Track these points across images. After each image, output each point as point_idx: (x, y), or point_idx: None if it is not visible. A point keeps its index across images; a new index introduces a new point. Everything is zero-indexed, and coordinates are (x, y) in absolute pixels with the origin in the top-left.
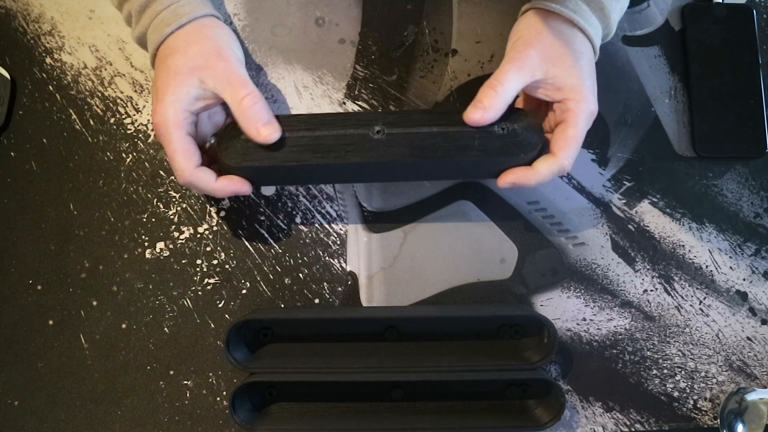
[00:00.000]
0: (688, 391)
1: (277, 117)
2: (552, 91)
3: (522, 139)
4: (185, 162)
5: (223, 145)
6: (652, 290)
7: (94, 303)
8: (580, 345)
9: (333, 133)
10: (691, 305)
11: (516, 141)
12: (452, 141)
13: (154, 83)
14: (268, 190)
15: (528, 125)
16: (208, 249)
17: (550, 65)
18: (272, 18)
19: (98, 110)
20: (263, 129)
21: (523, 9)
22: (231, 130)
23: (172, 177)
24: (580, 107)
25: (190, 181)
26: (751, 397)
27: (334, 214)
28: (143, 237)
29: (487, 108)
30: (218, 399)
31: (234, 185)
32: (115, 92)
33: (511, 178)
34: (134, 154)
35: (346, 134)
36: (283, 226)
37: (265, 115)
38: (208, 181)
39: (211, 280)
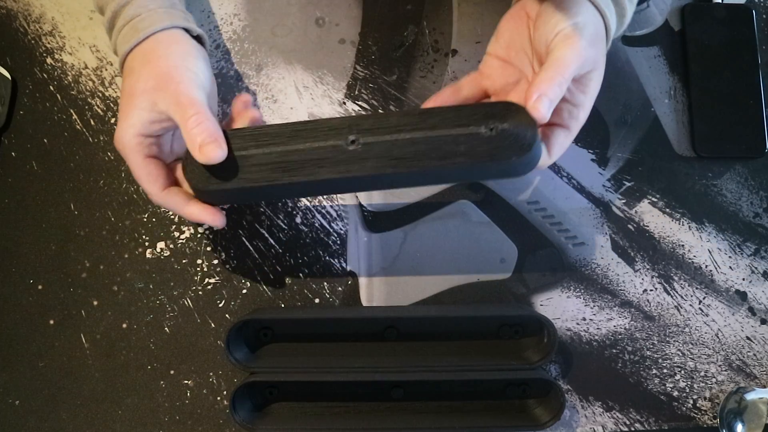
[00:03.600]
0: (687, 390)
1: (242, 130)
2: (539, 28)
3: (513, 140)
4: (150, 186)
5: (187, 168)
6: (651, 290)
7: (95, 303)
8: (579, 345)
9: (303, 147)
10: (690, 305)
11: (506, 143)
12: (435, 148)
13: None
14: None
15: (520, 122)
16: (209, 249)
17: (541, 6)
18: (272, 18)
19: (99, 110)
20: (205, 147)
21: None
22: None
23: None
24: (567, 43)
25: (160, 204)
26: (750, 396)
27: (334, 214)
28: (144, 237)
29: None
30: (219, 399)
31: (205, 215)
32: (115, 92)
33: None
34: None
35: (317, 147)
36: (283, 226)
37: (209, 134)
38: (177, 203)
39: (212, 280)
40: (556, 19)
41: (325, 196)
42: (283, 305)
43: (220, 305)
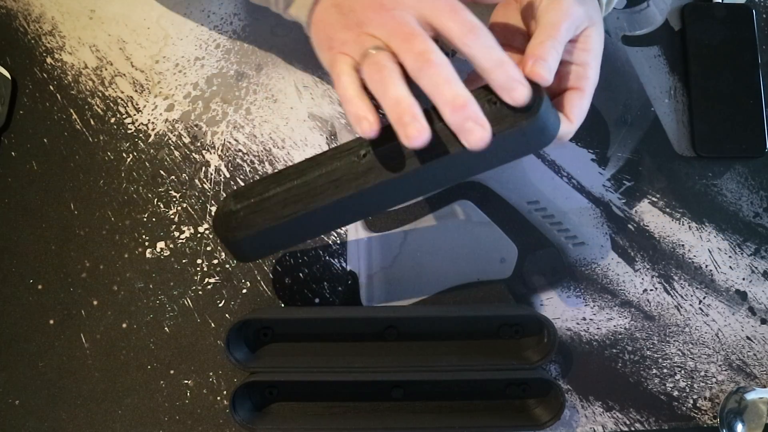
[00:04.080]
0: (687, 390)
1: (264, 177)
2: None
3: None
4: None
5: (215, 221)
6: (651, 290)
7: (95, 302)
8: (579, 344)
9: (318, 173)
10: (690, 305)
11: (511, 110)
12: (444, 136)
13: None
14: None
15: None
16: (209, 248)
17: None
18: (272, 18)
19: (99, 110)
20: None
21: None
22: (219, 208)
23: (173, 177)
24: None
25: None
26: (750, 396)
27: None
28: (144, 236)
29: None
30: (218, 398)
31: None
32: (115, 92)
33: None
34: (135, 153)
35: (331, 170)
36: None
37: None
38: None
39: (212, 280)
40: None
41: None
42: (283, 305)
43: (220, 305)
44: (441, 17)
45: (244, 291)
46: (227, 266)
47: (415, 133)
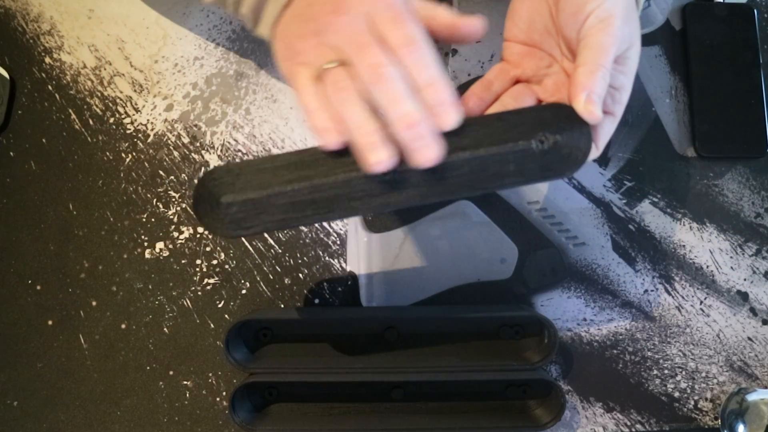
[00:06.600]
0: (688, 391)
1: (254, 162)
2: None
3: (567, 153)
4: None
5: (199, 206)
6: (652, 290)
7: (94, 303)
8: (580, 345)
9: (331, 180)
10: (691, 305)
11: (560, 156)
12: (481, 170)
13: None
14: None
15: (572, 131)
16: (208, 249)
17: None
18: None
19: (97, 110)
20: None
21: None
22: (206, 187)
23: (172, 177)
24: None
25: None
26: (752, 397)
27: None
28: (143, 237)
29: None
30: (218, 399)
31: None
32: (114, 92)
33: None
34: (134, 153)
35: (350, 179)
36: None
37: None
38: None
39: (211, 280)
40: None
41: None
42: (282, 305)
43: (220, 306)
44: (384, 26)
45: (244, 291)
46: (226, 267)
47: (373, 161)
